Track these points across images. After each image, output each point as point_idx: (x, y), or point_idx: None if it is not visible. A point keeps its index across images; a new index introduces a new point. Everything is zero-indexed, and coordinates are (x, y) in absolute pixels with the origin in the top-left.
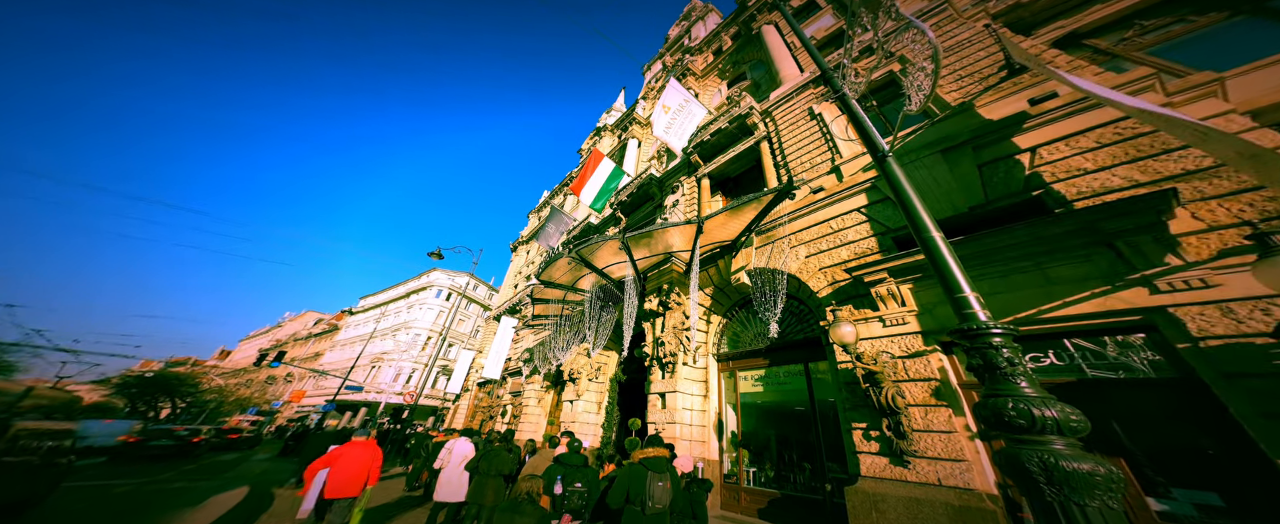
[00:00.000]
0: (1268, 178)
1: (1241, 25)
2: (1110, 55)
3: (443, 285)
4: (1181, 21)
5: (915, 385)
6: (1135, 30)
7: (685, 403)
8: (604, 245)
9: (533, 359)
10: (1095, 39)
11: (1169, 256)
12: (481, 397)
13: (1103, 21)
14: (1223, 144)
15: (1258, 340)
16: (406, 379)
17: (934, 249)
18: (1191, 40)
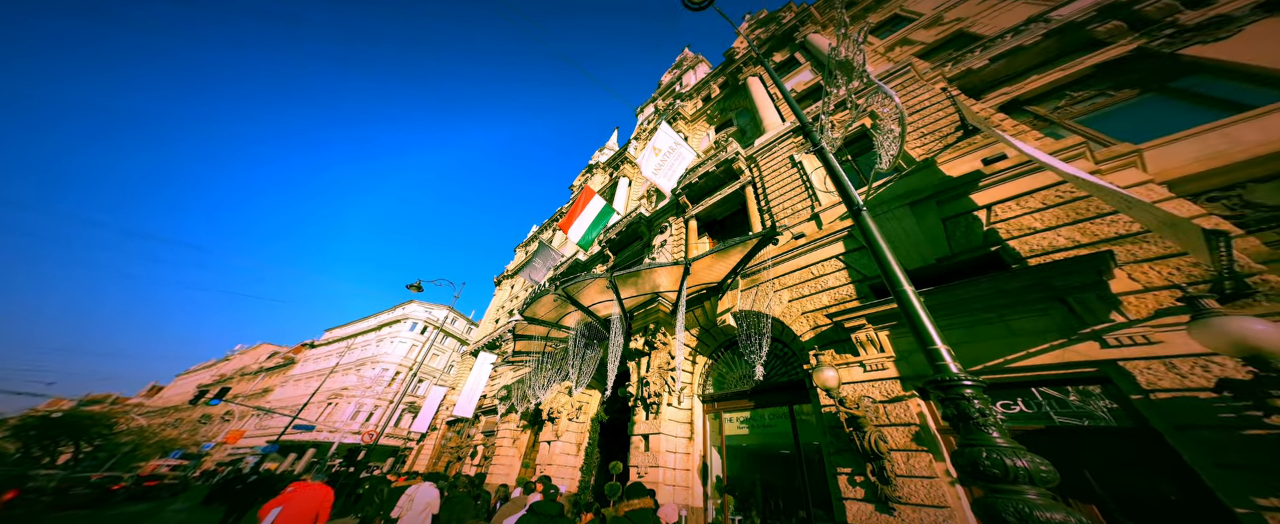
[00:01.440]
0: (1187, 245)
1: (1151, 102)
2: (1048, 122)
3: (419, 318)
4: (1103, 95)
5: (897, 430)
6: (1067, 100)
7: (669, 445)
8: (591, 283)
9: (510, 397)
10: (1034, 106)
11: (1114, 313)
12: (450, 436)
13: (1039, 90)
14: (1146, 212)
15: (1201, 394)
16: (367, 417)
17: (906, 302)
18: (1113, 112)
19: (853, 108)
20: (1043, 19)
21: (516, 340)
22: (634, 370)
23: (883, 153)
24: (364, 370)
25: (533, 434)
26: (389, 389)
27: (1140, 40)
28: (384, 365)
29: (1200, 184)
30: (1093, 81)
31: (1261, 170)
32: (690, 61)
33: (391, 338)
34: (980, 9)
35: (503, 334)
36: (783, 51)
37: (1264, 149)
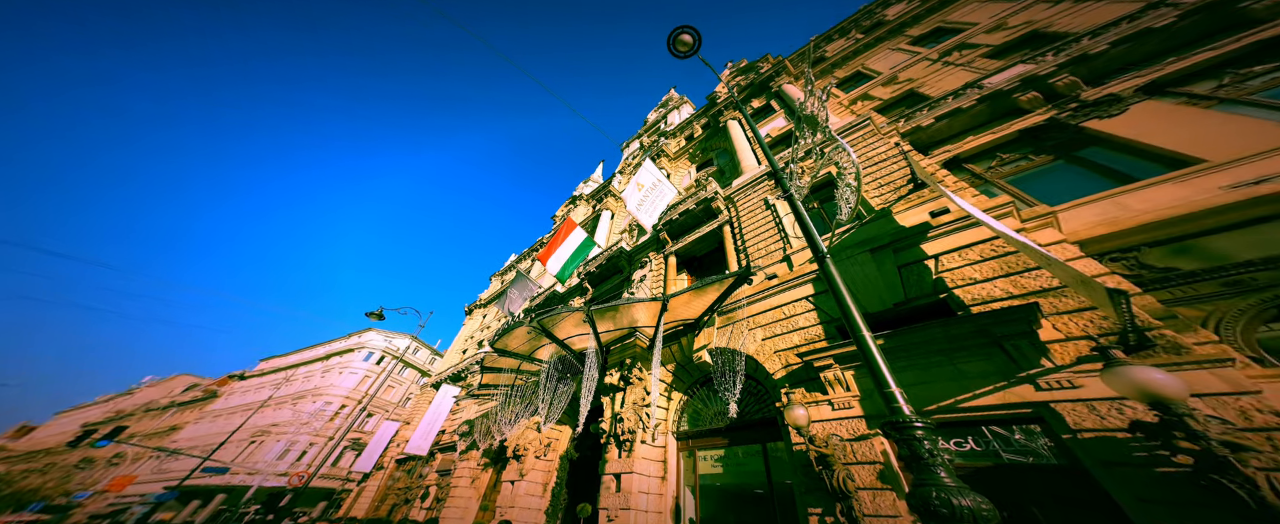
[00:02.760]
0: (1096, 301)
1: (1063, 168)
2: (983, 180)
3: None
4: (1026, 159)
5: (863, 468)
6: (997, 161)
7: (641, 485)
8: (568, 316)
9: (472, 432)
10: (972, 164)
11: (1043, 359)
12: (398, 476)
13: (975, 150)
14: (1062, 269)
15: (1119, 435)
16: (299, 456)
17: (865, 346)
18: (1035, 175)
19: (819, 157)
20: (977, 85)
21: (485, 372)
22: (608, 406)
23: (842, 203)
24: (303, 404)
25: (495, 473)
26: (330, 425)
27: (1052, 111)
28: (327, 398)
29: (1102, 245)
30: (1017, 146)
31: (1149, 236)
32: (675, 102)
33: (341, 368)
34: (928, 71)
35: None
36: (760, 98)
37: (1148, 217)
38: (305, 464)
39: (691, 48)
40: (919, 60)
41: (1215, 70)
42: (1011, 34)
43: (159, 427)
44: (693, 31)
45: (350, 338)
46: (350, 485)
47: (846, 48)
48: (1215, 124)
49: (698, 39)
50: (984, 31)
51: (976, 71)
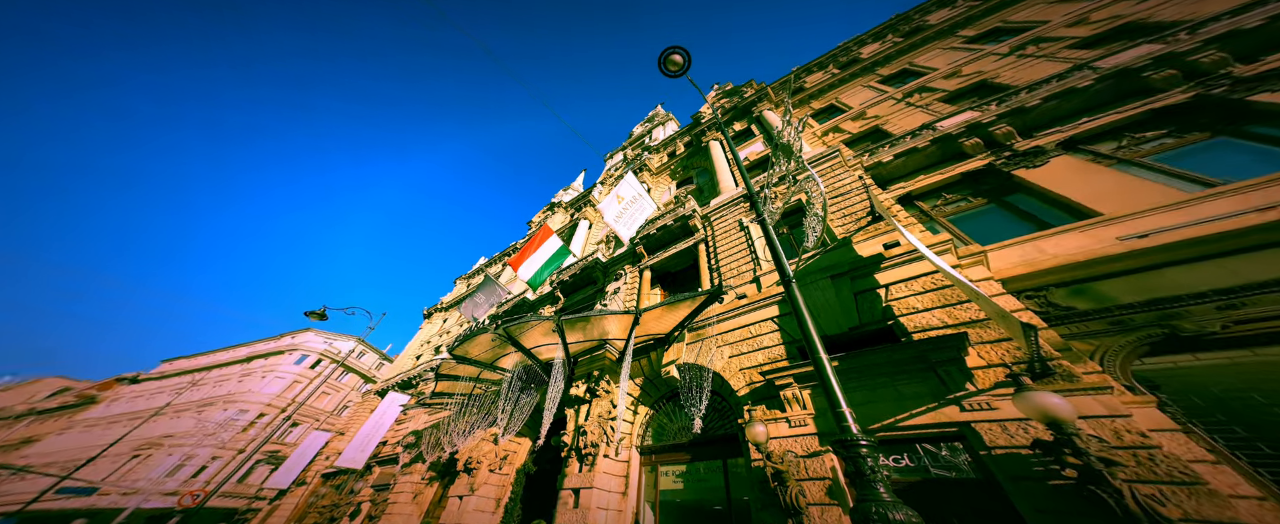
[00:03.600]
0: (1012, 333)
1: (995, 211)
2: (929, 217)
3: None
4: (965, 200)
5: (814, 484)
6: (942, 201)
7: (601, 501)
8: (537, 325)
9: (419, 444)
10: (922, 201)
11: (968, 383)
12: (325, 492)
13: (925, 189)
14: (987, 303)
15: (1023, 451)
16: (197, 471)
17: (821, 367)
18: (972, 216)
19: (792, 184)
20: (931, 127)
21: (440, 380)
22: (572, 418)
23: (809, 231)
24: (211, 413)
25: (441, 488)
26: (243, 436)
27: (990, 157)
28: (243, 405)
29: (1020, 284)
30: (959, 187)
31: (1056, 278)
32: (661, 118)
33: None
34: (893, 110)
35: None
36: (742, 122)
37: (1057, 261)
38: (203, 481)
39: (681, 68)
40: (886, 99)
41: (1116, 132)
42: (965, 81)
43: (8, 438)
44: (683, 52)
45: (282, 339)
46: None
47: (824, 81)
48: (1113, 181)
49: (687, 60)
50: (942, 77)
51: (933, 114)
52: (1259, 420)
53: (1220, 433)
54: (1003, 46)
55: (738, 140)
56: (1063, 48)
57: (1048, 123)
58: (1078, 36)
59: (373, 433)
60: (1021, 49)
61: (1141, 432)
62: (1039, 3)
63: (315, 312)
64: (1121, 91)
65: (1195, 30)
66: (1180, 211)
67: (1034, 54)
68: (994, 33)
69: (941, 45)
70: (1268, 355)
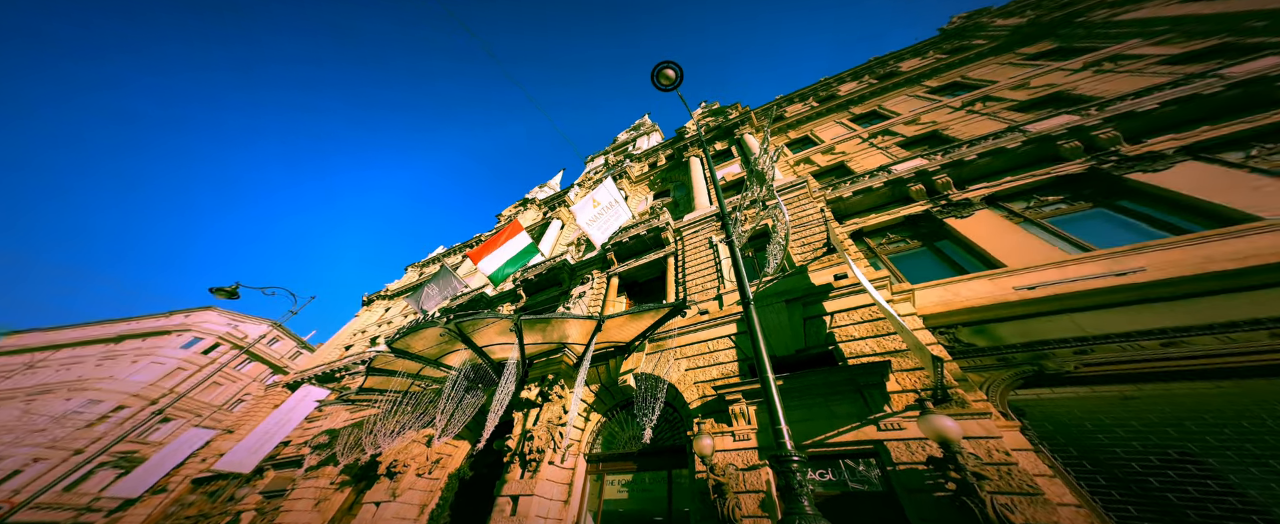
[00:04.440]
0: (924, 362)
1: (925, 254)
2: (873, 253)
3: (212, 332)
4: (904, 242)
5: (749, 496)
6: (886, 239)
7: (541, 509)
8: (493, 323)
9: (333, 444)
10: (870, 238)
11: (886, 406)
12: (193, 500)
13: (873, 227)
14: (908, 336)
15: (920, 467)
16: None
17: (767, 385)
18: (908, 256)
19: (762, 209)
20: (887, 169)
21: (372, 374)
22: (519, 422)
23: (771, 257)
24: (45, 402)
25: (354, 493)
26: (86, 432)
27: (929, 204)
28: (95, 395)
29: (936, 321)
30: (901, 229)
31: (964, 318)
32: (647, 127)
33: (140, 355)
34: (858, 148)
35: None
36: (723, 142)
37: (966, 303)
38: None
39: (673, 82)
40: (854, 137)
41: (1027, 193)
42: (921, 129)
43: None
44: (676, 68)
45: (172, 317)
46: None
47: (803, 112)
48: (1018, 238)
49: (679, 75)
50: (903, 122)
51: (890, 157)
52: (1089, 443)
53: (1059, 453)
54: (956, 100)
55: (717, 159)
56: (1004, 108)
57: (979, 177)
58: (1017, 100)
59: (273, 431)
60: (971, 105)
61: (1006, 451)
62: (992, 63)
63: (224, 288)
64: (1039, 156)
65: (1103, 107)
66: (1059, 270)
67: (980, 111)
68: (953, 86)
69: (908, 92)
70: (1103, 392)
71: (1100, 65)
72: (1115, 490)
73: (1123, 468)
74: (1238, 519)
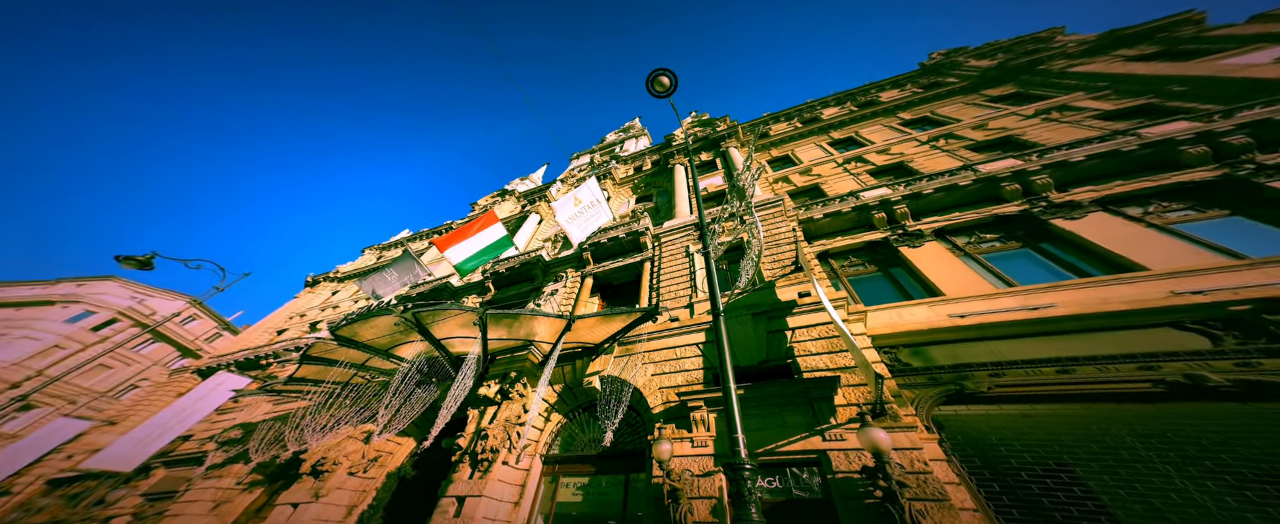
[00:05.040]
0: (868, 379)
1: (879, 278)
2: (835, 275)
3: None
4: (862, 266)
5: (702, 502)
6: (848, 262)
7: (489, 511)
8: (456, 315)
9: (248, 439)
10: (834, 260)
11: (831, 418)
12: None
13: (838, 250)
14: (857, 354)
15: (855, 475)
16: None
17: (728, 394)
18: (865, 279)
19: (739, 223)
20: (856, 195)
21: (307, 363)
22: (474, 419)
23: (743, 271)
24: None
25: (267, 494)
26: None
27: (887, 232)
28: None
29: (883, 342)
30: (862, 253)
31: (906, 340)
32: (636, 131)
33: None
34: (833, 172)
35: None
36: (709, 153)
37: (908, 327)
38: None
39: (667, 89)
40: (829, 161)
41: (969, 229)
42: (890, 159)
43: None
44: (671, 75)
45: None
46: None
47: (786, 131)
48: (958, 269)
49: (674, 82)
50: (875, 151)
51: (860, 183)
52: (991, 454)
53: (966, 462)
54: (924, 135)
55: (702, 169)
56: (962, 146)
57: (933, 210)
58: (975, 140)
59: (171, 423)
60: (935, 140)
61: (925, 461)
62: (959, 101)
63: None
64: (985, 195)
65: (1043, 154)
66: (986, 301)
67: (942, 147)
68: (923, 120)
69: (883, 122)
70: (1008, 410)
71: (1049, 114)
72: (1006, 496)
73: (1014, 476)
74: (1091, 519)
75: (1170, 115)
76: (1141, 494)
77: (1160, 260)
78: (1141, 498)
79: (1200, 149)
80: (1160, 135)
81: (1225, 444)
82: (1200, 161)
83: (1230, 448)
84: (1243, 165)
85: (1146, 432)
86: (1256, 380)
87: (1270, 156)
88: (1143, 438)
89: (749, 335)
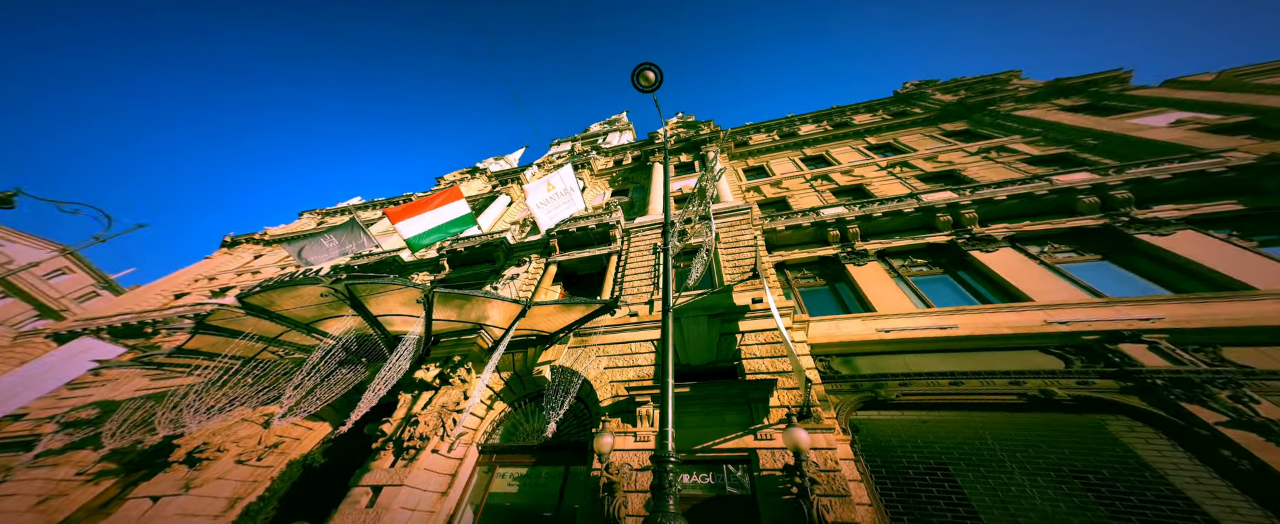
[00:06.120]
0: (799, 384)
1: (825, 291)
2: (788, 284)
3: None
4: (813, 278)
5: (637, 496)
6: (801, 274)
7: (408, 500)
8: (399, 292)
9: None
10: (789, 271)
11: (765, 418)
12: None
13: (795, 261)
14: (794, 360)
15: (777, 473)
16: None
17: (665, 389)
18: (813, 291)
19: (705, 226)
20: (816, 211)
21: (202, 333)
22: (404, 404)
23: (693, 269)
24: None
25: (120, 485)
26: None
27: (838, 249)
28: None
29: (819, 350)
30: (813, 267)
31: (838, 349)
32: (622, 125)
33: None
34: (800, 187)
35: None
36: (689, 155)
37: (842, 338)
38: None
39: (652, 84)
40: (799, 176)
41: (905, 253)
42: (851, 181)
43: None
44: (656, 70)
45: None
46: None
47: (765, 143)
48: (891, 289)
49: (660, 77)
50: (840, 171)
51: (822, 201)
52: (889, 455)
53: (869, 462)
54: (884, 160)
55: (680, 171)
56: (913, 175)
57: (879, 233)
58: (924, 170)
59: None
60: (892, 167)
61: (836, 460)
62: (919, 132)
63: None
64: (923, 223)
65: (975, 190)
66: (907, 319)
67: (897, 174)
68: (886, 146)
69: (852, 144)
70: (909, 416)
71: (989, 152)
72: (896, 492)
73: (904, 474)
74: (953, 509)
75: (1079, 165)
76: (992, 488)
77: (1042, 293)
78: (992, 491)
79: (1092, 199)
80: (1066, 183)
81: (1056, 447)
82: (1090, 210)
83: (1059, 450)
84: (1120, 217)
85: (1005, 436)
86: (1089, 396)
87: (1142, 211)
88: (1001, 441)
89: (703, 336)
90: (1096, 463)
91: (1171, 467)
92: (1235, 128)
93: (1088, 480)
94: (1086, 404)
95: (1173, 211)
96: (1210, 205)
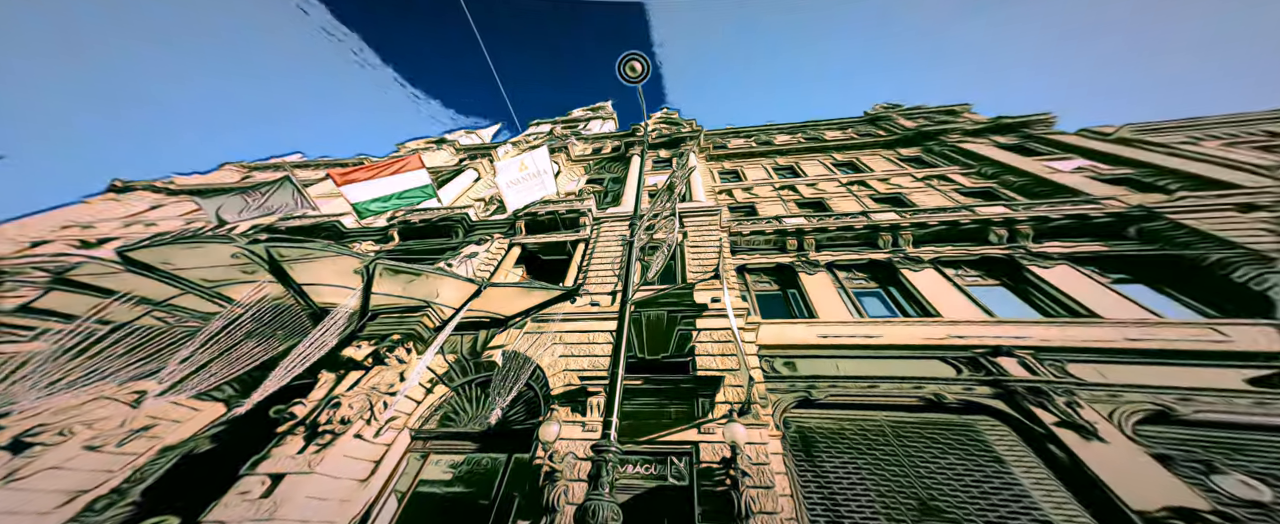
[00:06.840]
0: (742, 382)
1: (777, 297)
2: (747, 287)
3: None
4: (770, 283)
5: (579, 485)
6: (759, 277)
7: (317, 489)
8: (335, 259)
9: None
10: (749, 274)
11: (710, 413)
12: None
13: (755, 266)
14: (741, 359)
15: (714, 465)
16: None
17: (614, 380)
18: (768, 296)
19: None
20: (779, 219)
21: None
22: (325, 384)
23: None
24: None
25: None
26: None
27: (794, 257)
28: None
29: (766, 351)
30: (771, 273)
31: (782, 352)
32: (606, 114)
33: None
34: (768, 195)
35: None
36: (669, 151)
37: (787, 341)
38: None
39: (639, 75)
40: (768, 183)
41: (850, 267)
42: (815, 194)
43: None
44: (644, 60)
45: None
46: None
47: (742, 148)
48: (834, 298)
49: (646, 69)
50: (805, 183)
51: (787, 210)
52: (812, 449)
53: (794, 456)
54: (846, 177)
55: (658, 166)
56: (867, 195)
57: (831, 245)
58: (878, 191)
59: None
60: (851, 185)
61: (768, 454)
62: (879, 154)
63: None
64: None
65: (915, 213)
66: (843, 327)
67: (854, 191)
68: (850, 164)
69: (821, 158)
70: (833, 414)
71: (931, 180)
72: (814, 483)
73: (821, 466)
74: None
75: (998, 199)
76: (887, 478)
77: (951, 311)
78: (887, 481)
79: (1002, 231)
80: (986, 215)
81: (938, 442)
82: (999, 241)
83: (939, 445)
84: (1018, 248)
85: (904, 434)
86: (969, 400)
87: (1036, 246)
88: (900, 437)
89: (661, 330)
90: (964, 457)
91: (1014, 458)
92: (1117, 180)
93: (955, 471)
94: (967, 407)
95: (1058, 248)
96: (1086, 245)
